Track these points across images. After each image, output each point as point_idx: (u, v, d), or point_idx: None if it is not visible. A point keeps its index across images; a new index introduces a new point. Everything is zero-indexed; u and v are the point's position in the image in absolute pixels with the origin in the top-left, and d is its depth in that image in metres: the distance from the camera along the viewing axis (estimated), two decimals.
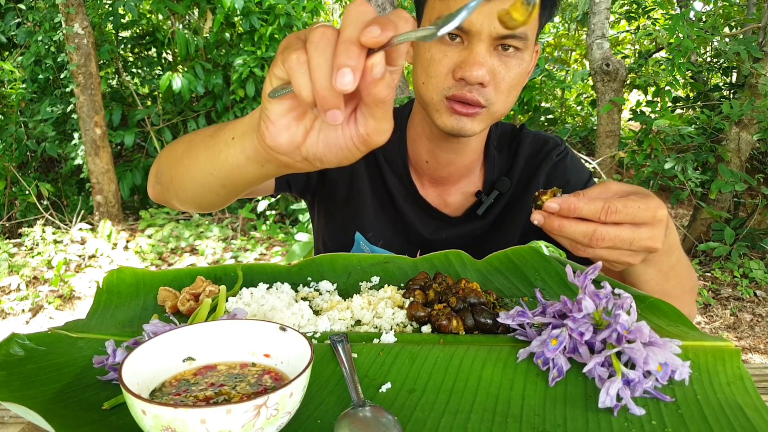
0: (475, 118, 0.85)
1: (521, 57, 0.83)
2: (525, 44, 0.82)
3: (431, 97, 0.86)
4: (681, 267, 0.78)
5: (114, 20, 4.29)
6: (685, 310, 0.79)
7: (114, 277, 0.82)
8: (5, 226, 4.37)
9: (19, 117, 4.42)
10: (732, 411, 0.52)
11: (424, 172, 1.00)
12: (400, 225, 1.03)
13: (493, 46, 0.81)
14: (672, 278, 0.77)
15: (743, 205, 4.28)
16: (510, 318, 0.64)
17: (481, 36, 0.79)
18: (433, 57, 0.84)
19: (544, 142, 1.04)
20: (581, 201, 0.62)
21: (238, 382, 0.51)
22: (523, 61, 0.83)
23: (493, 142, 1.01)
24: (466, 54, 0.81)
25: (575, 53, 7.19)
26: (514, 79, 0.83)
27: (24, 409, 0.50)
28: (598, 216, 0.62)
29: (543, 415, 0.51)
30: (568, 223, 0.63)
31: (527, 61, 0.84)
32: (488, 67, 0.81)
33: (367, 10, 0.43)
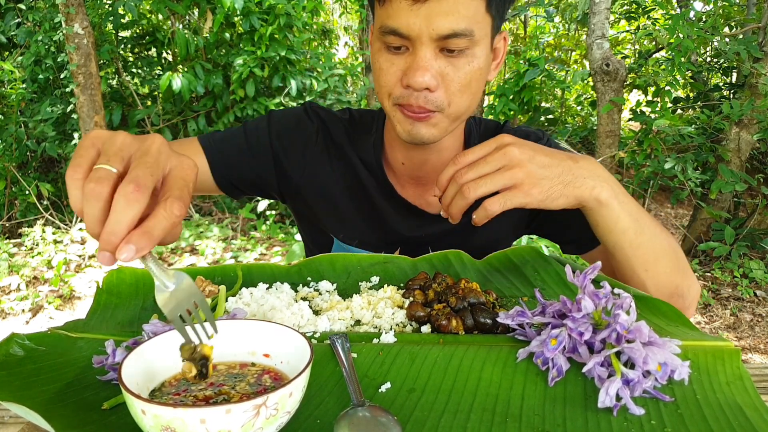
0: (429, 122, 0.84)
1: (471, 54, 0.80)
2: (471, 41, 0.78)
3: (385, 105, 0.86)
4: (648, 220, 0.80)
5: (114, 20, 4.29)
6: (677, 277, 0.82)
7: (114, 277, 0.82)
8: (5, 226, 4.37)
9: (19, 117, 4.42)
10: (732, 411, 0.52)
11: (402, 173, 1.00)
12: (377, 224, 1.02)
13: (437, 48, 0.78)
14: (645, 228, 0.79)
15: (743, 205, 4.28)
16: (509, 318, 0.64)
17: (422, 40, 0.77)
18: (381, 66, 0.83)
19: (525, 136, 1.00)
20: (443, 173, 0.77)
21: (237, 382, 0.51)
22: (474, 57, 0.80)
23: (474, 140, 1.01)
24: (411, 60, 0.79)
25: (575, 53, 7.19)
26: (465, 78, 0.81)
27: (24, 409, 0.50)
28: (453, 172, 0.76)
29: (542, 415, 0.51)
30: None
31: (481, 57, 0.81)
32: (434, 71, 0.79)
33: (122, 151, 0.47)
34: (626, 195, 0.79)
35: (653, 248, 0.80)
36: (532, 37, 4.96)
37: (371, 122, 1.02)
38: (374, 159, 1.00)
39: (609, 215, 0.77)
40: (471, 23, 0.77)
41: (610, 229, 0.78)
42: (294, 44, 4.24)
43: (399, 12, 0.77)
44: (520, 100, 4.30)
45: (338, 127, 1.02)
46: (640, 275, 0.81)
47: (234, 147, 1.00)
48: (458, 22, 0.76)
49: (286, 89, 4.28)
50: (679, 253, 0.85)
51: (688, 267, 0.86)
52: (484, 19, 0.79)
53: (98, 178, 0.44)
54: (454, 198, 0.75)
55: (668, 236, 0.84)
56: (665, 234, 0.83)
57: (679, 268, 0.84)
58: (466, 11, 0.76)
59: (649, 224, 0.80)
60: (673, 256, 0.83)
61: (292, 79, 4.21)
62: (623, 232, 0.78)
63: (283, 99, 4.33)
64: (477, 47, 0.80)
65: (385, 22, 0.79)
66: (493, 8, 0.79)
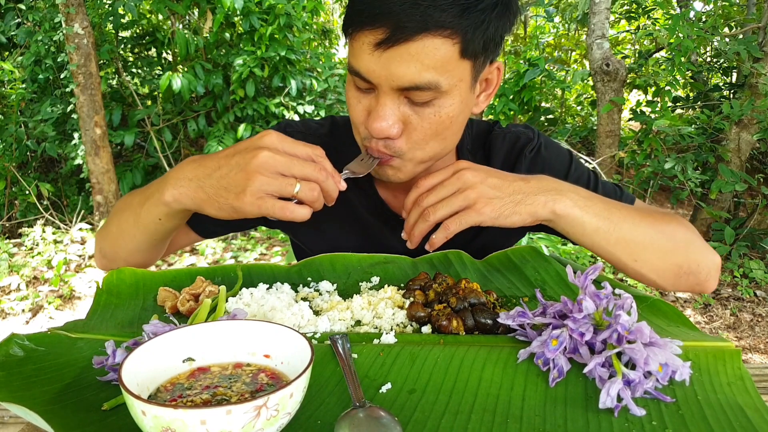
0: (393, 166, 0.81)
1: (439, 104, 0.74)
2: (437, 92, 0.72)
3: (356, 139, 0.84)
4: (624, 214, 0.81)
5: (114, 20, 4.29)
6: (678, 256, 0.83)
7: (114, 277, 0.82)
8: (5, 226, 4.37)
9: (19, 117, 4.42)
10: (732, 411, 0.52)
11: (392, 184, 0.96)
12: (368, 242, 0.99)
13: (402, 95, 0.74)
14: (621, 222, 0.79)
15: (743, 205, 4.28)
16: (510, 318, 0.64)
17: (383, 88, 0.73)
18: (350, 102, 0.80)
19: (515, 139, 1.00)
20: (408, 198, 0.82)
21: (232, 382, 0.51)
22: (441, 107, 0.74)
23: (467, 146, 0.98)
24: (374, 104, 0.75)
25: (575, 53, 7.19)
26: (430, 128, 0.76)
27: (24, 410, 0.50)
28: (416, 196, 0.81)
29: (543, 416, 0.51)
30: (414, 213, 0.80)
31: (452, 105, 0.75)
32: (396, 118, 0.74)
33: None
34: (591, 198, 0.79)
35: (635, 239, 0.80)
36: (532, 37, 4.96)
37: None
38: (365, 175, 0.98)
39: (572, 223, 0.78)
40: (438, 74, 0.71)
41: (580, 233, 0.79)
42: (294, 44, 4.24)
43: (361, 54, 0.72)
44: (520, 100, 4.29)
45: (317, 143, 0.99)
46: (632, 266, 0.82)
47: None
48: (420, 74, 0.70)
49: (286, 89, 4.28)
50: (677, 233, 0.84)
51: (694, 242, 0.85)
52: (457, 67, 0.72)
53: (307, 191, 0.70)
54: (416, 222, 0.79)
55: (656, 221, 0.83)
56: (650, 220, 0.82)
57: (677, 247, 0.83)
58: (431, 61, 0.70)
59: (625, 217, 0.80)
60: (664, 240, 0.82)
61: (292, 79, 4.21)
62: (595, 233, 0.79)
63: (283, 99, 4.33)
64: (447, 96, 0.74)
65: (351, 61, 0.75)
66: (470, 53, 0.72)
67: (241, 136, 4.13)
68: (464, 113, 0.80)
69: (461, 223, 0.76)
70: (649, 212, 0.86)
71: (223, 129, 4.25)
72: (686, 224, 0.87)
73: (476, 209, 0.75)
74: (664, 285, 0.85)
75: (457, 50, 0.71)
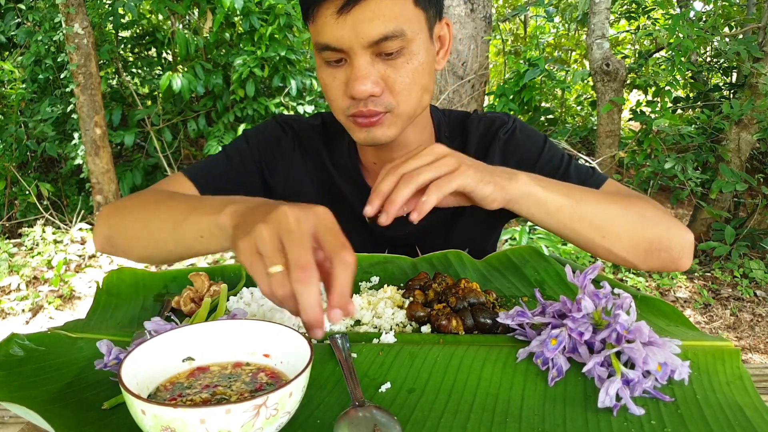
0: (383, 125, 0.84)
1: (408, 53, 0.80)
2: (405, 40, 0.78)
3: (339, 119, 0.86)
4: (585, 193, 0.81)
5: (114, 20, 4.29)
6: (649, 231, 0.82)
7: (114, 277, 0.82)
8: (5, 226, 4.37)
9: (19, 117, 4.42)
10: (731, 411, 0.52)
11: (375, 171, 0.99)
12: (358, 229, 1.01)
13: (373, 54, 0.78)
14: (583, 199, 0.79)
15: (743, 205, 4.28)
16: (509, 318, 0.64)
17: (355, 50, 0.77)
18: (325, 82, 0.83)
19: (490, 122, 1.02)
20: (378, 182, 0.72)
21: (232, 382, 0.51)
22: (412, 55, 0.80)
23: (444, 132, 1.01)
24: (350, 71, 0.80)
25: (575, 53, 7.19)
26: (407, 77, 0.81)
27: (24, 409, 0.50)
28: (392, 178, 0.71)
29: (542, 415, 0.51)
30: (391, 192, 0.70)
31: (420, 52, 0.81)
32: (374, 77, 0.79)
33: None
34: (551, 181, 0.80)
35: (600, 214, 0.80)
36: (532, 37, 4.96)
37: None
38: (350, 162, 1.00)
39: (536, 201, 0.77)
40: (400, 23, 0.77)
41: (544, 212, 0.78)
42: (294, 44, 4.24)
43: (326, 26, 0.77)
44: (520, 100, 4.29)
45: (312, 135, 1.02)
46: (600, 242, 0.81)
47: (220, 172, 1.00)
48: (386, 25, 0.76)
49: (286, 89, 4.28)
50: (645, 210, 0.84)
51: (664, 219, 0.85)
52: (414, 15, 0.79)
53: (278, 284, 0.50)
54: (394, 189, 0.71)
55: (622, 200, 0.84)
56: (615, 199, 0.83)
57: (646, 223, 0.83)
58: (391, 12, 0.76)
59: (587, 195, 0.80)
60: (631, 216, 0.82)
61: (292, 79, 4.20)
62: (558, 211, 0.78)
63: (283, 99, 4.33)
64: (413, 44, 0.79)
65: (317, 38, 0.80)
66: (422, 2, 0.79)
67: None
68: (430, 66, 0.84)
69: (451, 184, 0.72)
70: (616, 193, 0.87)
71: (223, 129, 4.25)
72: (655, 203, 0.88)
73: (460, 172, 0.72)
74: (635, 262, 0.84)
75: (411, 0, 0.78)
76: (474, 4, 3.84)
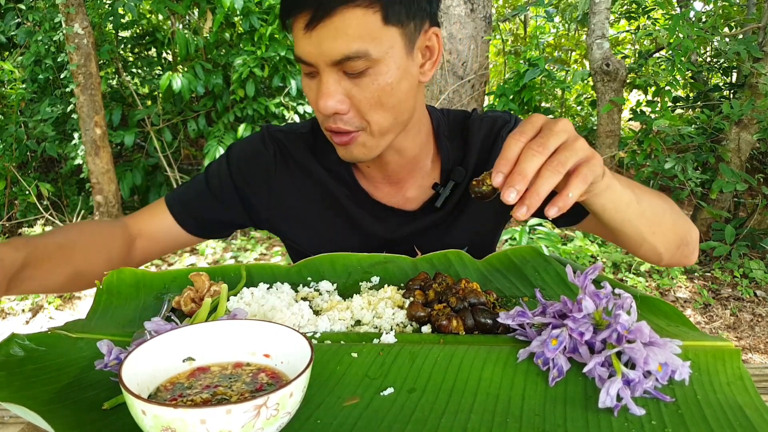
0: (357, 143, 0.83)
1: (375, 72, 0.77)
2: (369, 60, 0.76)
3: (322, 128, 0.86)
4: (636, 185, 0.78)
5: (114, 20, 4.29)
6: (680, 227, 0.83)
7: (114, 277, 0.82)
8: (5, 226, 4.37)
9: (19, 117, 4.42)
10: (732, 411, 0.52)
11: (371, 174, 0.99)
12: (355, 232, 1.00)
13: (340, 71, 0.77)
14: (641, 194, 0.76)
15: (743, 205, 4.28)
16: (510, 318, 0.64)
17: (321, 66, 0.77)
18: (305, 91, 0.83)
19: (492, 122, 1.00)
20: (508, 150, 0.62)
21: (233, 382, 0.51)
22: (378, 75, 0.77)
23: (444, 132, 0.99)
24: (319, 86, 0.79)
25: (575, 53, 7.19)
26: (373, 97, 0.79)
27: (24, 410, 0.50)
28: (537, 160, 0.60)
29: (543, 415, 0.51)
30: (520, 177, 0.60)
31: (389, 72, 0.78)
32: (340, 95, 0.78)
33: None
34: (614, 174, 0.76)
35: (653, 209, 0.79)
36: (532, 37, 4.96)
37: None
38: (343, 166, 0.98)
39: (614, 197, 0.71)
40: (364, 43, 0.74)
41: (618, 208, 0.72)
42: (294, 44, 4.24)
43: (298, 40, 0.78)
44: (520, 100, 4.29)
45: (298, 145, 1.01)
46: (649, 239, 0.80)
47: (198, 197, 1.01)
48: (348, 45, 0.74)
49: (286, 89, 4.28)
50: (672, 203, 0.85)
51: (682, 213, 0.86)
52: (383, 34, 0.76)
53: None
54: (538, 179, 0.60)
55: (656, 192, 0.84)
56: (652, 191, 0.83)
57: (677, 218, 0.84)
58: (356, 32, 0.74)
59: (641, 189, 0.79)
60: (669, 209, 0.83)
61: (292, 79, 4.20)
62: (628, 206, 0.73)
63: (283, 99, 4.33)
64: (381, 64, 0.77)
65: (295, 50, 0.80)
66: (393, 19, 0.76)
67: (240, 136, 4.13)
68: (406, 81, 0.81)
69: (592, 173, 0.63)
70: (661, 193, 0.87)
71: (223, 129, 4.25)
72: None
73: (597, 159, 0.64)
74: (666, 258, 0.84)
75: (379, 18, 0.75)
76: (474, 4, 3.84)
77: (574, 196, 0.61)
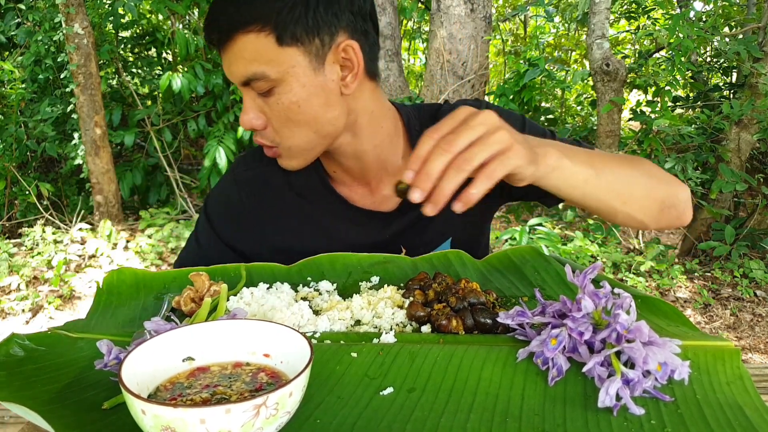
0: (282, 157, 0.88)
1: (279, 91, 0.80)
2: (270, 81, 0.79)
3: None
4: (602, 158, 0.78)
5: (114, 20, 4.29)
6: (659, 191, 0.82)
7: (114, 277, 0.82)
8: (5, 226, 4.37)
9: (19, 117, 4.42)
10: (732, 411, 0.52)
11: (342, 179, 0.98)
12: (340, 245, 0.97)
13: (251, 90, 0.81)
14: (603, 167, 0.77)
15: (743, 205, 4.28)
16: (509, 318, 0.64)
17: (238, 86, 0.82)
18: None
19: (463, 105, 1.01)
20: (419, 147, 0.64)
21: (232, 381, 0.51)
22: (283, 94, 0.80)
23: (415, 127, 0.98)
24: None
25: (575, 53, 7.19)
26: (281, 115, 0.81)
27: (24, 409, 0.50)
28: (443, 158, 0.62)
29: (542, 415, 0.51)
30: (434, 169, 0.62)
31: (293, 90, 0.80)
32: (255, 111, 0.82)
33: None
34: (572, 149, 0.77)
35: (620, 180, 0.79)
36: (532, 37, 4.95)
37: None
38: (316, 176, 0.98)
39: (565, 175, 0.72)
40: (261, 66, 0.78)
41: (572, 186, 0.74)
42: None
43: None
44: (520, 100, 4.29)
45: (269, 175, 1.00)
46: (622, 209, 0.80)
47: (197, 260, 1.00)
48: (246, 68, 0.78)
49: None
50: (652, 169, 0.85)
51: (667, 176, 0.86)
52: (280, 56, 0.78)
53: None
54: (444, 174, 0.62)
55: (630, 161, 0.84)
56: (624, 161, 0.83)
57: (656, 183, 0.84)
58: (252, 55, 0.78)
59: (605, 161, 0.79)
60: (643, 177, 0.83)
61: None
62: (585, 183, 0.74)
63: None
64: (284, 84, 0.79)
65: None
66: (289, 39, 0.77)
67: (240, 136, 4.13)
68: (318, 97, 0.82)
69: (506, 167, 0.63)
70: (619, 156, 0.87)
71: (223, 129, 4.25)
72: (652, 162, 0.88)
73: (514, 152, 0.64)
74: (649, 223, 0.84)
75: (273, 40, 0.77)
76: (474, 4, 3.84)
77: (478, 192, 0.63)
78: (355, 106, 0.87)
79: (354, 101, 0.87)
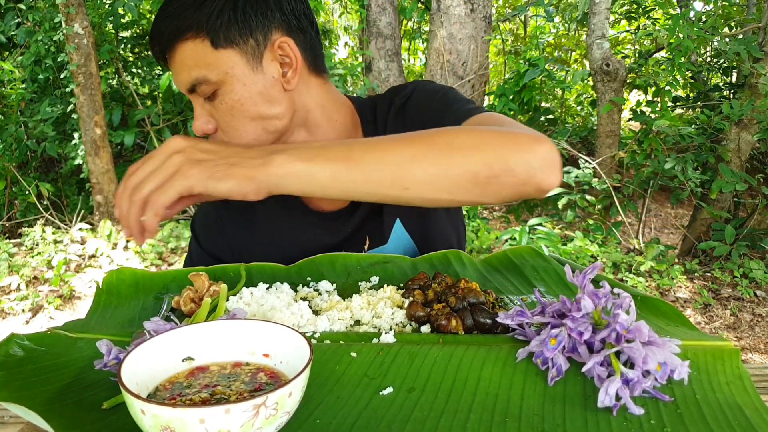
0: None
1: (222, 92, 0.82)
2: (212, 84, 0.81)
3: None
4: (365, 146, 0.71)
5: (114, 20, 4.29)
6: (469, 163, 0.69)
7: (114, 277, 0.82)
8: (5, 226, 4.37)
9: (19, 117, 4.42)
10: (731, 411, 0.52)
11: None
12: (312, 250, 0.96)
13: (198, 96, 0.84)
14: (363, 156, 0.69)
15: (743, 205, 4.28)
16: (509, 318, 0.64)
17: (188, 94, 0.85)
18: None
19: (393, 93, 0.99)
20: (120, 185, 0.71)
21: (232, 381, 0.51)
22: (226, 94, 0.82)
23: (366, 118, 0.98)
24: None
25: (575, 53, 7.20)
26: (227, 113, 0.83)
27: (24, 409, 0.50)
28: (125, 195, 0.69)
29: (542, 415, 0.51)
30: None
31: (235, 89, 0.82)
32: (205, 117, 0.85)
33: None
34: (324, 147, 0.71)
35: (389, 167, 0.69)
36: (532, 37, 4.96)
37: None
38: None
39: (301, 179, 0.68)
40: (201, 70, 0.80)
41: (317, 186, 0.69)
42: None
43: None
44: (520, 100, 4.29)
45: None
46: (405, 194, 0.70)
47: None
48: (189, 74, 0.81)
49: None
50: (455, 139, 0.71)
51: (494, 140, 0.71)
52: (218, 58, 0.80)
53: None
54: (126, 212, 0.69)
55: (420, 139, 0.72)
56: (412, 140, 0.71)
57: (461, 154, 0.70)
58: (191, 61, 0.81)
59: (372, 148, 0.70)
60: (436, 151, 0.70)
61: None
62: (333, 180, 0.68)
63: None
64: (225, 85, 0.82)
65: None
66: (224, 42, 0.80)
67: None
68: (259, 95, 0.83)
69: (168, 193, 0.67)
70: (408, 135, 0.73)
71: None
72: (480, 129, 0.74)
73: (182, 172, 0.67)
74: (471, 199, 0.71)
75: (208, 44, 0.80)
76: (474, 4, 3.85)
77: (147, 218, 0.68)
78: (303, 102, 0.88)
79: (299, 96, 0.88)
